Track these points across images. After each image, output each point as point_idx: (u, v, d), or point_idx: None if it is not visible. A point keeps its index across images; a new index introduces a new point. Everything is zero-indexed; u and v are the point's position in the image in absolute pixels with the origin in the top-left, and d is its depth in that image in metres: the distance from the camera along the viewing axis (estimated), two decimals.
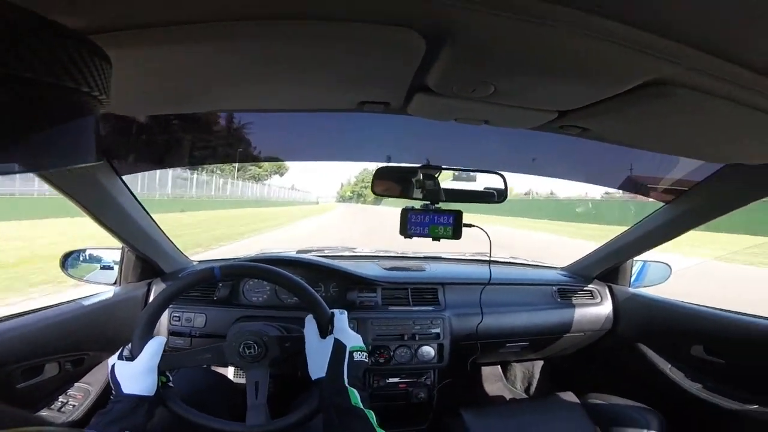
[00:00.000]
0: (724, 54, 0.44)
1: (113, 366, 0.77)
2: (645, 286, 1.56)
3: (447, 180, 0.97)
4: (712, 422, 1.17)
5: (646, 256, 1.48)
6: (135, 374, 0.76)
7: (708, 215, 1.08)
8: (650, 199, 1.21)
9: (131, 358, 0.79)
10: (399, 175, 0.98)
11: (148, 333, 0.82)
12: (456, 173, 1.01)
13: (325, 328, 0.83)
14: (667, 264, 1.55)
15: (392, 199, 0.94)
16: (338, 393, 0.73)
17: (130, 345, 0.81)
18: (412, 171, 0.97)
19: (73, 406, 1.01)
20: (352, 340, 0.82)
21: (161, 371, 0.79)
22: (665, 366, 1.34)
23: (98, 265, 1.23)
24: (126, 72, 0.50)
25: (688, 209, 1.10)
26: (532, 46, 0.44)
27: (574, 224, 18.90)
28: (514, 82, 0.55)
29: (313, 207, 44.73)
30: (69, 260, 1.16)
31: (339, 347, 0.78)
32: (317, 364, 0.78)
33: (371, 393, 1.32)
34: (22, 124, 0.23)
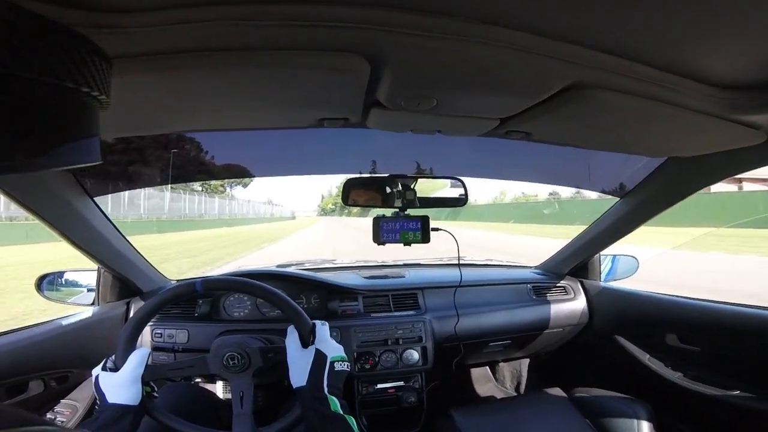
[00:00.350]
0: (628, 54, 0.50)
1: (97, 377, 0.78)
2: (616, 280, 1.61)
3: (414, 187, 1.01)
4: (697, 409, 1.19)
5: (614, 250, 1.53)
6: (119, 384, 0.77)
7: (658, 207, 1.14)
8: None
9: (115, 369, 0.79)
10: (368, 186, 1.02)
11: (132, 344, 0.83)
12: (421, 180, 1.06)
13: (307, 338, 0.85)
14: (634, 257, 1.61)
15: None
16: (319, 400, 0.75)
17: (113, 356, 0.82)
18: (381, 180, 1.02)
19: (62, 422, 1.02)
20: (333, 350, 0.84)
21: (145, 382, 0.80)
22: (643, 356, 1.37)
23: (75, 288, 1.22)
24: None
25: (640, 202, 1.16)
26: (461, 61, 0.50)
27: (542, 226, 19.13)
28: (453, 94, 0.60)
29: (288, 224, 41.21)
30: (44, 283, 1.16)
31: (320, 357, 0.80)
32: (298, 374, 0.79)
33: (361, 400, 1.34)
34: (22, 124, 0.23)
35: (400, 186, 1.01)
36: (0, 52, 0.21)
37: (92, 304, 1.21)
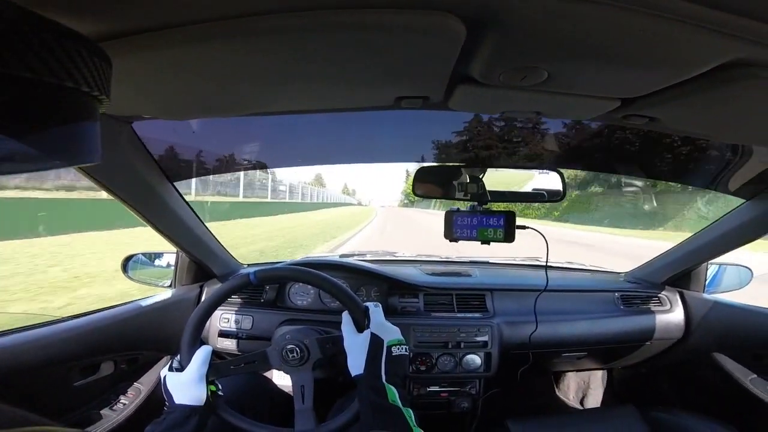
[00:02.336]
0: None
1: (164, 378, 0.80)
2: (721, 292, 1.40)
3: (496, 179, 0.91)
4: None
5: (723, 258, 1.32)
6: (185, 385, 0.78)
7: None
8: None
9: (180, 369, 0.81)
10: (441, 176, 0.94)
11: (195, 341, 0.85)
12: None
13: (361, 322, 0.82)
14: (747, 267, 1.38)
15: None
16: (375, 390, 0.72)
17: (179, 356, 0.84)
18: (456, 171, 0.93)
19: (124, 404, 1.07)
20: (390, 333, 0.80)
21: (210, 380, 0.81)
22: (745, 378, 1.21)
23: (156, 269, 1.30)
24: (157, 76, 0.51)
25: None
26: (589, 27, 0.39)
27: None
28: (570, 67, 0.49)
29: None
30: (129, 263, 1.24)
31: (376, 342, 0.77)
32: (356, 361, 0.77)
33: (411, 401, 1.28)
34: (22, 124, 0.23)
35: (476, 177, 0.91)
36: (0, 52, 0.21)
37: (170, 286, 1.28)
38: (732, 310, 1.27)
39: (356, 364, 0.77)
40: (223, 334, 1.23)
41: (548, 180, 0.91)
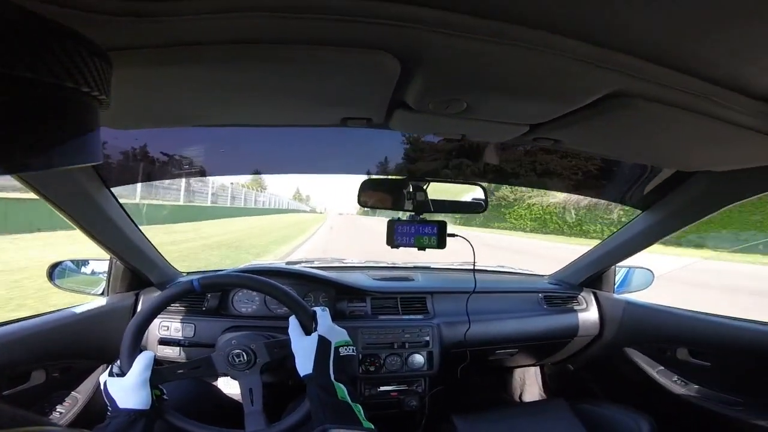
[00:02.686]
0: (678, 66, 0.48)
1: (105, 383, 0.78)
2: (629, 292, 1.58)
3: (431, 191, 0.99)
4: (701, 426, 1.18)
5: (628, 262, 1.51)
6: (128, 389, 0.76)
7: (683, 221, 1.11)
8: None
9: (121, 374, 0.79)
10: (386, 187, 1.00)
11: (136, 348, 0.83)
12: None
13: (309, 326, 0.84)
14: (649, 270, 1.58)
15: None
16: (325, 388, 0.75)
17: (119, 362, 0.81)
18: (399, 183, 1.00)
19: (60, 413, 1.01)
20: (337, 335, 0.83)
21: (153, 385, 0.80)
22: (653, 370, 1.35)
23: (85, 276, 1.22)
24: (121, 89, 0.52)
25: (665, 216, 1.13)
26: (497, 64, 0.47)
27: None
28: (484, 98, 0.58)
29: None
30: (56, 271, 1.16)
31: (323, 343, 0.80)
32: (304, 362, 0.79)
33: (363, 402, 1.32)
34: (22, 124, 0.23)
35: (416, 189, 0.99)
36: (0, 52, 0.21)
37: (102, 294, 1.21)
38: (638, 309, 1.43)
39: (305, 365, 0.78)
40: (164, 342, 1.18)
41: (474, 193, 1.01)
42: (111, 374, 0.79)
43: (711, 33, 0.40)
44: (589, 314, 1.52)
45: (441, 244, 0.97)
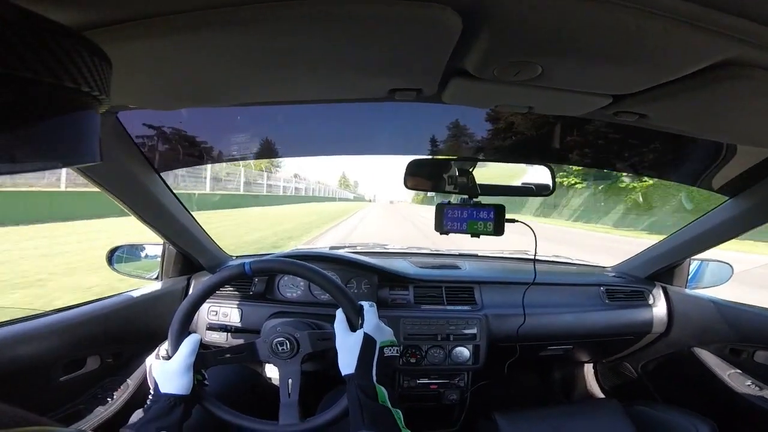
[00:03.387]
0: None
1: (151, 366, 0.80)
2: (703, 288, 1.43)
3: (487, 173, 0.91)
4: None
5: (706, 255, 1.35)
6: (172, 373, 0.78)
7: None
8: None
9: (168, 357, 0.81)
10: (432, 169, 0.94)
11: (184, 331, 0.84)
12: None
13: (355, 322, 0.82)
14: (728, 264, 1.41)
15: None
16: (366, 390, 0.72)
17: (167, 345, 0.83)
18: (446, 164, 0.93)
19: (112, 399, 1.05)
20: (383, 334, 0.80)
21: (197, 370, 0.81)
22: (724, 372, 1.23)
23: (141, 261, 1.28)
24: (142, 65, 0.50)
25: (756, 203, 0.99)
26: (583, 23, 0.40)
27: None
28: (564, 63, 0.49)
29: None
30: (114, 256, 1.22)
31: (368, 342, 0.77)
32: (347, 360, 0.77)
33: (400, 393, 1.30)
34: (21, 124, 0.23)
35: (467, 171, 0.92)
36: (0, 52, 0.21)
37: (156, 278, 1.26)
38: (711, 306, 1.30)
39: (347, 363, 0.76)
40: (212, 327, 1.21)
41: (538, 174, 0.92)
42: (158, 357, 0.82)
43: None
44: (656, 310, 1.39)
45: (498, 231, 0.89)
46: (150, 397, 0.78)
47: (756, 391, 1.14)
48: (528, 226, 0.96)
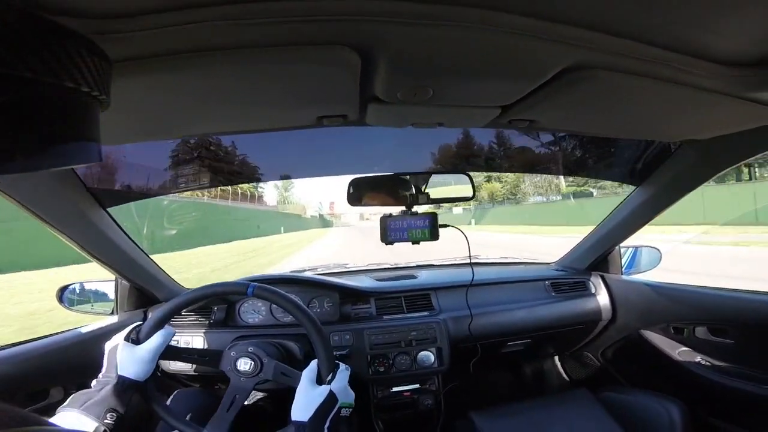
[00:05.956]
0: (632, 35, 0.48)
1: (115, 346, 0.78)
2: (640, 273, 1.55)
3: (419, 185, 1.00)
4: (733, 405, 1.13)
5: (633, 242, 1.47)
6: (137, 358, 0.77)
7: (677, 194, 1.09)
8: None
9: (137, 341, 0.80)
10: (373, 185, 1.01)
11: (163, 324, 0.84)
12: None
13: (325, 377, 0.83)
14: (656, 248, 1.54)
15: None
16: None
17: (140, 328, 0.83)
18: (386, 179, 1.01)
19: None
20: (346, 396, 0.83)
21: (159, 359, 0.81)
22: (673, 351, 1.30)
23: (93, 297, 1.26)
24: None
25: (658, 190, 1.11)
26: (455, 48, 0.49)
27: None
28: (449, 83, 0.59)
29: None
30: (65, 294, 1.19)
31: (331, 399, 0.79)
32: (303, 408, 0.77)
33: (377, 404, 1.32)
34: (22, 124, 0.23)
35: (405, 184, 1.00)
36: (0, 52, 0.21)
37: (111, 313, 1.24)
38: (648, 289, 1.38)
39: (302, 411, 0.77)
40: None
41: (461, 182, 1.02)
42: (127, 339, 0.80)
43: (661, 1, 0.41)
44: (600, 298, 1.49)
45: (433, 236, 0.97)
46: (101, 376, 0.76)
47: (708, 366, 1.20)
48: (459, 229, 1.05)
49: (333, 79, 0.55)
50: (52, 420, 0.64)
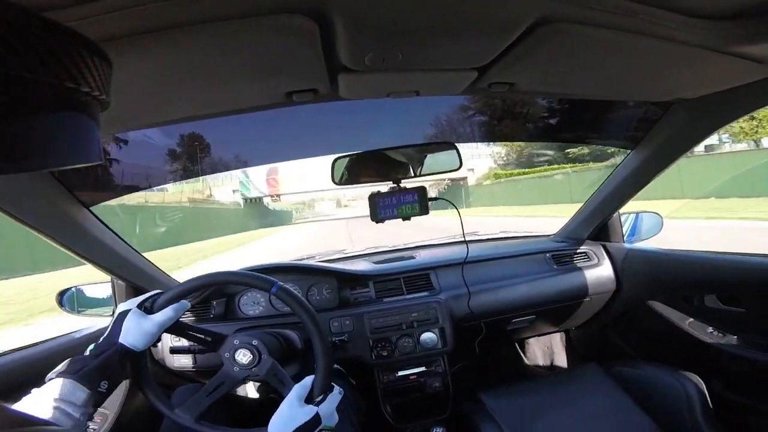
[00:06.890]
0: None
1: (127, 311, 0.77)
2: (643, 240, 1.51)
3: (406, 159, 0.98)
4: (748, 376, 1.08)
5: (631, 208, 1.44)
6: (143, 330, 0.75)
7: (671, 155, 1.07)
8: None
9: (151, 311, 0.79)
10: (357, 163, 0.99)
11: (179, 299, 0.82)
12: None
13: (316, 396, 0.80)
14: (657, 213, 1.51)
15: None
16: None
17: (155, 297, 0.81)
18: (370, 156, 0.99)
19: (94, 430, 1.03)
20: (330, 420, 0.80)
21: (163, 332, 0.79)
22: (683, 322, 1.25)
23: (92, 299, 1.26)
24: None
25: (652, 152, 1.09)
26: (414, 6, 0.46)
27: None
28: (416, 46, 0.56)
29: None
30: (64, 298, 1.20)
31: (314, 422, 0.76)
32: (283, 423, 0.74)
33: (383, 389, 1.32)
34: (21, 124, 0.23)
35: (390, 160, 0.98)
36: (0, 52, 0.21)
37: (111, 314, 1.24)
38: (654, 256, 1.34)
39: (280, 426, 0.74)
40: (176, 351, 1.20)
41: (448, 153, 0.99)
42: (140, 307, 0.78)
43: None
44: (602, 269, 1.46)
45: (423, 210, 0.95)
46: (102, 341, 0.74)
47: (719, 337, 1.15)
48: (450, 201, 1.03)
49: (293, 50, 0.53)
50: (47, 385, 0.63)
